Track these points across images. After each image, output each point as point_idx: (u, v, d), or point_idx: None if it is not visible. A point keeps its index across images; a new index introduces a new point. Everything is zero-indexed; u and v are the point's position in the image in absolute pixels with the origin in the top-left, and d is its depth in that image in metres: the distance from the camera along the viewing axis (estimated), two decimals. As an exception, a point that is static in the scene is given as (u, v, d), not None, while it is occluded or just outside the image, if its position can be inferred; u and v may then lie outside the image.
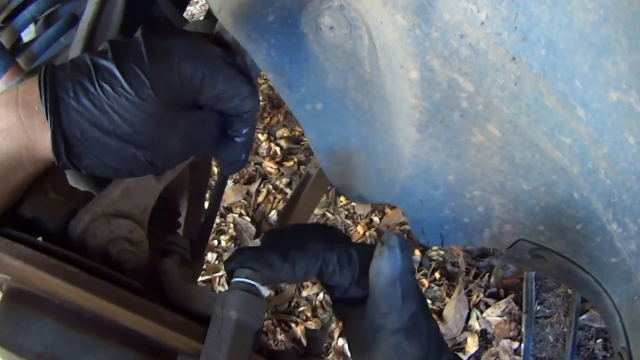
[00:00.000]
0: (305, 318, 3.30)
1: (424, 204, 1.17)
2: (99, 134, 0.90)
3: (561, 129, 0.94)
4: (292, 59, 1.06)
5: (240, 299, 0.93)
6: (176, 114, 0.95)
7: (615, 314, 1.09)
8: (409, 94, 0.99)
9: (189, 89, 0.94)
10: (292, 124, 4.13)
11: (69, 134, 0.89)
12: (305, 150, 3.99)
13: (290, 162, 3.95)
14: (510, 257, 1.19)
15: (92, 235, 1.00)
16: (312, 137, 1.15)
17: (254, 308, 0.94)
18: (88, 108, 0.88)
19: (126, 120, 0.90)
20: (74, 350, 0.91)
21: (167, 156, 0.97)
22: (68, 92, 0.88)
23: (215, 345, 0.89)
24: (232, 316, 0.92)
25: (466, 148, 1.06)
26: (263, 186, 3.90)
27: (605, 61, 0.84)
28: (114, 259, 1.01)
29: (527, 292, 3.01)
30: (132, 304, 0.90)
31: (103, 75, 0.89)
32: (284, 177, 3.89)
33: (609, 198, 0.97)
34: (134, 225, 1.05)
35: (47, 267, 0.87)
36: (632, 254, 1.01)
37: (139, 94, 0.89)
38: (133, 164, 0.95)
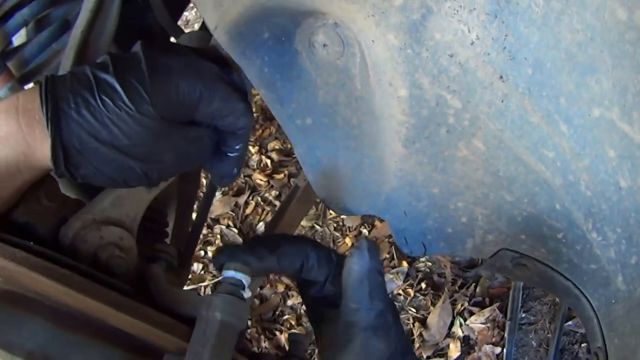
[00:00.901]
0: (290, 326, 3.30)
1: (408, 215, 1.20)
2: (97, 144, 0.92)
3: (544, 144, 0.97)
4: (284, 76, 1.08)
5: (224, 301, 0.95)
6: (173, 130, 0.97)
7: (593, 316, 1.12)
8: (397, 110, 1.02)
9: (187, 106, 0.97)
10: (284, 136, 4.04)
11: (68, 144, 0.91)
12: (296, 163, 3.92)
13: (281, 175, 3.92)
14: (492, 266, 1.22)
15: (82, 240, 1.02)
16: (301, 151, 1.17)
17: (237, 310, 0.96)
18: (88, 120, 0.90)
19: (125, 133, 0.92)
20: (64, 349, 0.92)
21: (162, 169, 0.99)
22: (69, 104, 0.90)
23: (200, 343, 0.91)
24: (216, 317, 0.94)
25: (451, 162, 1.09)
26: (252, 198, 3.87)
27: (590, 79, 0.88)
28: (104, 263, 1.03)
29: (514, 299, 3.04)
30: (122, 304, 0.92)
31: (104, 89, 0.91)
32: (274, 190, 3.87)
33: (589, 208, 1.01)
34: (123, 232, 1.07)
35: (40, 268, 0.88)
36: (611, 261, 1.04)
37: (139, 110, 0.92)
38: (128, 175, 0.97)
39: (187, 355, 0.90)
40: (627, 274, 1.05)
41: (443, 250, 1.24)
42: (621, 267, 1.05)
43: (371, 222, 3.56)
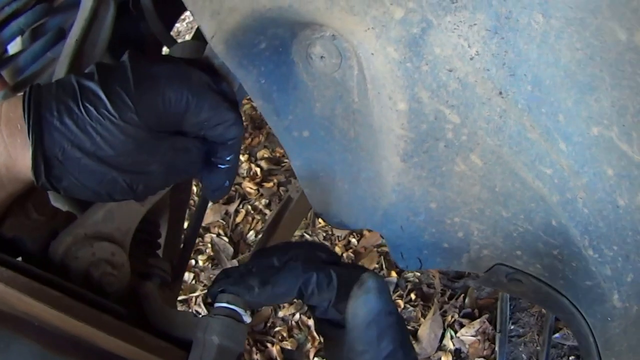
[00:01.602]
0: (281, 338, 3.27)
1: (405, 230, 1.19)
2: (79, 155, 0.89)
3: (542, 160, 0.97)
4: (280, 87, 1.08)
5: (222, 324, 0.94)
6: (159, 140, 0.95)
7: (589, 333, 1.12)
8: (396, 124, 1.02)
9: (173, 115, 0.95)
10: (274, 144, 4.10)
11: (50, 154, 0.88)
12: (286, 171, 3.96)
13: (270, 184, 3.91)
14: (488, 281, 1.22)
15: (73, 257, 1.00)
16: (297, 164, 1.16)
17: (235, 333, 0.94)
18: (70, 128, 0.88)
19: (108, 142, 0.90)
20: None
21: (147, 181, 0.97)
22: (52, 112, 0.88)
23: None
24: (213, 341, 0.92)
25: (449, 177, 1.08)
26: (242, 207, 3.86)
27: (589, 98, 0.88)
28: (96, 282, 1.01)
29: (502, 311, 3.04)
30: (115, 329, 0.90)
31: (88, 97, 0.89)
32: (264, 198, 3.86)
33: (586, 226, 1.01)
34: (115, 248, 1.05)
35: (30, 290, 0.86)
36: (607, 278, 1.04)
37: (123, 117, 0.89)
38: (112, 188, 0.94)
39: None
40: (623, 292, 1.05)
41: (439, 265, 1.24)
42: (617, 284, 1.05)
43: (360, 232, 3.56)
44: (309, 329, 3.24)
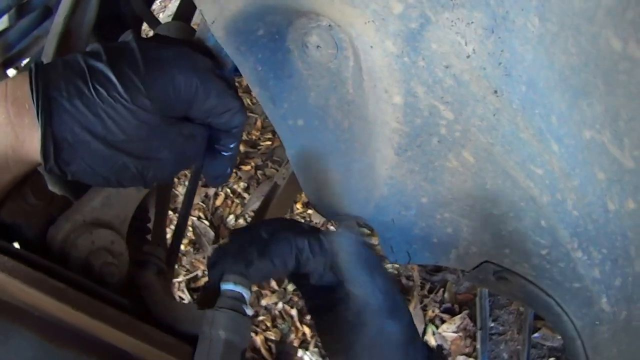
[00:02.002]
0: (265, 328, 3.27)
1: (396, 223, 1.20)
2: (90, 138, 0.86)
3: (534, 160, 0.97)
4: (276, 75, 1.08)
5: (227, 318, 0.93)
6: (168, 126, 0.93)
7: (576, 336, 1.12)
8: (391, 117, 1.02)
9: (182, 100, 0.93)
10: (249, 127, 4.09)
11: (59, 137, 0.85)
12: (262, 155, 3.95)
13: (248, 167, 3.90)
14: (475, 278, 1.22)
15: (72, 245, 0.98)
16: (292, 152, 1.16)
17: (241, 327, 0.93)
18: (81, 110, 0.85)
19: (120, 126, 0.87)
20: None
21: (158, 168, 0.95)
22: (61, 92, 0.85)
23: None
24: (220, 336, 0.91)
25: (441, 172, 1.09)
26: (221, 190, 3.85)
27: (582, 102, 0.88)
28: (97, 272, 0.99)
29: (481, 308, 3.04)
30: (121, 322, 0.88)
31: (98, 79, 0.86)
32: (242, 182, 3.85)
33: (575, 228, 1.01)
34: (115, 235, 1.04)
35: (33, 281, 0.84)
36: (595, 281, 1.05)
37: (135, 101, 0.87)
38: (123, 174, 0.92)
39: None
40: (611, 296, 1.05)
41: (428, 260, 1.24)
42: (606, 287, 1.05)
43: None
44: (292, 319, 3.24)
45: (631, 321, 1.03)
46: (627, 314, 1.04)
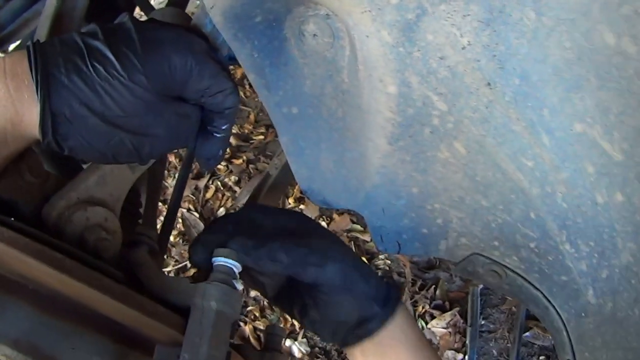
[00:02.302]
0: (254, 317, 3.30)
1: (386, 213, 1.21)
2: (88, 114, 0.89)
3: (524, 153, 0.98)
4: (272, 62, 1.08)
5: (219, 290, 0.94)
6: (164, 104, 0.95)
7: (562, 328, 1.13)
8: (385, 107, 1.03)
9: (177, 80, 0.95)
10: (242, 120, 4.09)
11: (58, 112, 0.87)
12: (255, 149, 3.95)
13: (239, 160, 3.90)
14: (464, 270, 1.23)
15: (67, 221, 0.99)
16: (285, 139, 1.17)
17: (232, 300, 0.95)
18: (79, 86, 0.87)
19: (117, 102, 0.89)
20: (50, 336, 0.89)
21: (153, 145, 0.97)
22: (59, 68, 0.87)
23: (197, 334, 0.90)
24: (212, 307, 0.93)
25: (432, 163, 1.09)
26: (212, 182, 3.85)
27: (574, 96, 0.89)
28: (91, 246, 1.01)
29: (473, 305, 3.06)
30: (116, 292, 0.90)
31: (95, 56, 0.89)
32: (233, 175, 3.85)
33: (564, 220, 1.02)
34: (108, 213, 1.05)
35: (31, 251, 0.85)
36: (582, 274, 1.06)
37: (132, 78, 0.89)
38: (119, 150, 0.94)
39: (183, 347, 0.89)
40: (597, 288, 1.06)
41: (417, 251, 1.25)
42: (592, 280, 1.06)
43: (329, 215, 3.56)
44: (280, 310, 3.25)
45: (616, 313, 1.04)
46: (613, 305, 1.04)
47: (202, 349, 0.88)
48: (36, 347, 0.88)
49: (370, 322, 1.08)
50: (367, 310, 1.08)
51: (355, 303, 1.08)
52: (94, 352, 0.91)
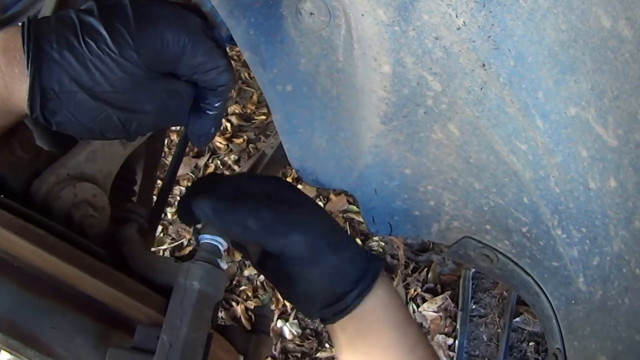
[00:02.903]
0: (246, 297, 3.31)
1: (378, 194, 1.20)
2: (76, 89, 0.89)
3: (518, 136, 0.98)
4: (268, 40, 1.08)
5: (202, 270, 0.94)
6: (154, 80, 0.96)
7: (552, 315, 1.13)
8: (379, 86, 1.02)
9: (170, 56, 0.95)
10: (244, 101, 4.11)
11: (47, 87, 0.88)
12: (256, 128, 3.97)
13: (240, 140, 3.92)
14: (455, 253, 1.23)
15: (56, 197, 1.00)
16: (278, 117, 1.16)
17: (215, 280, 0.95)
18: (70, 61, 0.88)
19: (106, 78, 0.90)
20: (31, 314, 0.90)
21: (140, 121, 0.97)
22: (51, 44, 0.88)
23: (177, 315, 0.90)
24: (194, 286, 0.92)
25: (426, 144, 1.09)
26: (211, 161, 3.87)
27: (569, 78, 0.88)
28: (77, 223, 1.01)
29: (464, 290, 3.06)
30: (97, 270, 0.90)
31: (88, 32, 0.89)
32: (233, 154, 3.87)
33: (557, 205, 1.02)
34: (97, 189, 1.06)
35: (15, 227, 0.85)
36: (574, 260, 1.05)
37: (123, 54, 0.90)
38: (106, 125, 0.95)
39: (163, 328, 0.89)
40: (588, 275, 1.06)
41: (409, 233, 1.25)
42: (583, 267, 1.06)
43: (326, 196, 3.58)
44: (273, 290, 3.25)
45: (606, 301, 1.03)
46: (603, 293, 1.04)
47: (181, 331, 0.88)
48: (16, 325, 0.88)
49: (345, 298, 1.07)
50: (340, 285, 1.07)
51: (327, 277, 1.07)
52: (74, 332, 0.92)
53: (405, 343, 1.08)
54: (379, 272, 1.10)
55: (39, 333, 0.90)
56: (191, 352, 0.88)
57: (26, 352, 0.90)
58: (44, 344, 0.91)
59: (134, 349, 0.90)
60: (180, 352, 0.87)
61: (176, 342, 0.87)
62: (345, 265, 1.07)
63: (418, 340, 1.09)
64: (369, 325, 1.08)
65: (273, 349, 3.11)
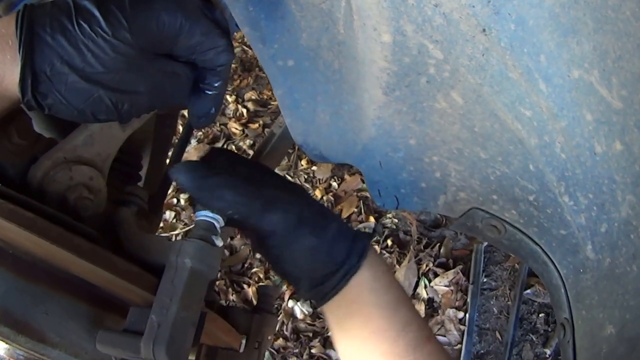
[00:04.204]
0: (258, 279, 3.32)
1: (383, 167, 1.20)
2: (67, 70, 0.89)
3: (522, 102, 0.97)
4: (268, 15, 1.07)
5: (195, 247, 0.94)
6: (149, 61, 0.95)
7: (560, 285, 1.12)
8: (380, 56, 1.01)
9: (166, 37, 0.95)
10: (261, 87, 4.13)
11: (38, 70, 0.89)
12: (272, 114, 3.99)
13: (256, 125, 3.94)
14: (463, 225, 1.22)
15: (51, 181, 1.00)
16: (280, 92, 1.16)
17: (209, 257, 0.94)
18: (62, 44, 0.88)
19: (98, 58, 0.90)
20: (25, 301, 0.91)
21: (133, 101, 0.97)
22: (45, 28, 0.88)
23: (168, 294, 0.89)
24: (186, 264, 0.92)
25: (429, 113, 1.08)
26: (227, 146, 3.88)
27: (571, 40, 0.87)
28: (71, 205, 1.01)
29: (476, 263, 3.07)
30: (85, 251, 0.89)
31: (82, 15, 0.89)
32: (248, 139, 3.89)
33: (563, 172, 1.01)
34: (94, 172, 1.05)
35: (4, 212, 0.85)
36: (581, 227, 1.05)
37: (116, 35, 0.90)
38: (97, 107, 0.94)
39: (153, 307, 0.88)
40: (596, 242, 1.05)
41: (415, 206, 1.24)
42: (591, 234, 1.05)
43: (341, 176, 3.60)
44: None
45: (614, 269, 1.03)
46: (611, 261, 1.03)
47: (171, 310, 0.87)
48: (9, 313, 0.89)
49: (330, 280, 1.06)
50: (324, 267, 1.06)
51: (308, 259, 1.06)
52: (68, 317, 0.93)
53: (394, 326, 1.06)
54: (365, 252, 1.08)
55: (31, 319, 0.91)
56: (181, 332, 0.88)
57: (17, 339, 0.90)
58: (36, 330, 0.91)
59: (125, 331, 0.90)
60: (169, 331, 0.86)
61: (165, 321, 0.87)
62: (326, 246, 1.06)
63: (409, 322, 1.07)
64: (358, 308, 1.07)
65: (285, 329, 3.13)
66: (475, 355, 2.97)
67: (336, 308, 1.08)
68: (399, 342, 1.05)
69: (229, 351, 1.15)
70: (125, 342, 0.89)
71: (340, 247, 1.06)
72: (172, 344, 0.86)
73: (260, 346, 1.17)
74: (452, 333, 3.01)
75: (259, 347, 1.17)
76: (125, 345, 0.88)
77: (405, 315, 1.08)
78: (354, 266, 1.05)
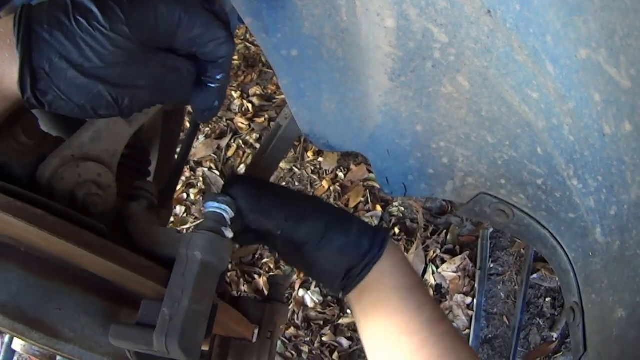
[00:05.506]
0: (269, 270, 3.35)
1: (391, 154, 1.19)
2: (66, 66, 0.89)
3: (529, 84, 0.96)
4: (270, 5, 1.07)
5: (205, 239, 0.94)
6: (148, 55, 0.95)
7: (569, 269, 1.12)
8: (384, 41, 1.01)
9: (165, 30, 0.94)
10: (265, 82, 4.15)
11: (37, 67, 0.88)
12: (277, 107, 4.02)
13: (262, 119, 3.97)
14: (471, 211, 1.22)
15: (59, 179, 0.99)
16: (285, 82, 1.15)
17: (219, 249, 0.94)
18: (59, 40, 0.88)
19: (96, 53, 0.89)
20: (37, 297, 0.91)
21: (133, 96, 0.96)
22: (42, 25, 0.88)
23: (179, 287, 0.89)
24: (196, 257, 0.92)
25: (435, 98, 1.08)
26: (234, 141, 3.91)
27: (577, 19, 0.86)
28: (80, 202, 1.00)
29: (482, 249, 3.09)
30: (96, 246, 0.88)
31: (80, 10, 0.89)
32: (254, 133, 3.91)
33: (571, 154, 1.00)
34: (102, 168, 1.05)
35: (13, 210, 0.85)
36: (590, 210, 1.04)
37: (114, 29, 0.89)
38: (97, 102, 0.94)
39: (164, 300, 0.88)
40: (605, 226, 1.04)
41: (423, 193, 1.24)
42: (600, 217, 1.04)
43: (347, 166, 3.62)
44: (294, 260, 3.29)
45: (624, 252, 1.02)
46: (621, 244, 1.03)
47: (182, 303, 0.88)
48: (22, 310, 0.89)
49: (355, 269, 1.15)
50: (351, 260, 1.16)
51: (338, 255, 1.16)
52: (81, 312, 0.93)
53: (411, 305, 1.14)
54: (385, 242, 1.18)
55: (44, 315, 0.91)
56: (193, 324, 0.88)
57: (31, 335, 0.91)
58: (49, 326, 0.92)
59: (138, 324, 0.90)
60: (181, 324, 0.86)
61: (177, 314, 0.87)
62: (353, 242, 1.16)
63: (424, 303, 1.15)
64: (378, 291, 1.16)
65: (296, 317, 3.16)
66: (484, 340, 3.00)
67: (359, 293, 1.17)
68: (415, 320, 1.12)
69: (242, 341, 1.16)
70: (137, 336, 0.88)
71: (364, 240, 1.15)
72: (184, 337, 0.86)
73: (273, 335, 1.19)
74: (461, 318, 3.04)
75: (271, 336, 1.18)
76: (138, 338, 0.88)
77: (420, 297, 1.15)
78: (376, 255, 1.15)
